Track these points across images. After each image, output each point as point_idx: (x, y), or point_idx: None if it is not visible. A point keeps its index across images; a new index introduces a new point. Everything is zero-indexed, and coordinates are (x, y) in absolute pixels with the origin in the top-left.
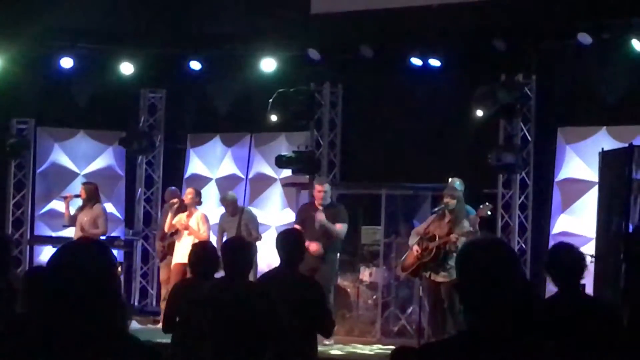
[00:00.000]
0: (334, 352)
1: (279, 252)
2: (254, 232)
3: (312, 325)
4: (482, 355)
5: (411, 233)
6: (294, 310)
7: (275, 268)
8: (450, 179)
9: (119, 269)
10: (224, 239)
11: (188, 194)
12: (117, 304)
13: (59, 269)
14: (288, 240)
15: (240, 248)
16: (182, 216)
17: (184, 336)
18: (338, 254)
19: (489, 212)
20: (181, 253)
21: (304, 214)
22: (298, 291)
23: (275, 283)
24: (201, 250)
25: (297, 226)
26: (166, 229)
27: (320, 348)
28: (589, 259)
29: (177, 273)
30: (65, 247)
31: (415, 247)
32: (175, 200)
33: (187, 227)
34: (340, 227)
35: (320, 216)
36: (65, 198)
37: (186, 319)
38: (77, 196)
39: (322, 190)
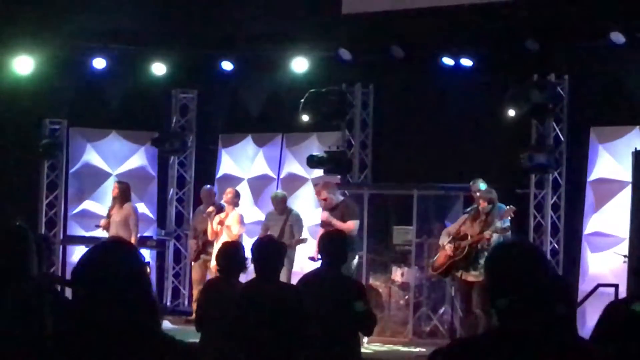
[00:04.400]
0: (366, 351)
1: (321, 253)
2: (297, 235)
3: (353, 323)
4: (512, 354)
5: (442, 233)
6: (335, 309)
7: (317, 268)
8: (472, 182)
9: (148, 269)
10: None
11: (228, 193)
12: (149, 302)
13: (89, 269)
14: (331, 242)
15: (270, 249)
16: (220, 215)
17: (213, 334)
18: (356, 255)
19: (512, 215)
20: None
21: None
22: (340, 291)
23: (318, 283)
24: (229, 249)
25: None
26: (210, 237)
27: None
28: (622, 259)
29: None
30: (95, 247)
31: (449, 246)
32: (211, 208)
33: (222, 223)
34: (349, 225)
35: (323, 216)
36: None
37: (214, 318)
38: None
39: (322, 199)
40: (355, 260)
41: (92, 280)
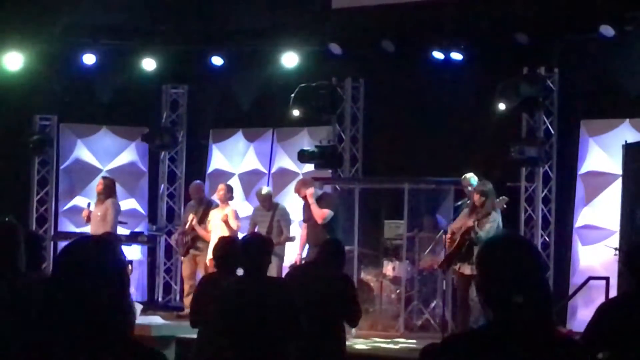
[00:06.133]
0: (357, 346)
1: (319, 252)
2: (285, 230)
3: (340, 314)
4: (506, 348)
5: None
6: (323, 302)
7: (307, 262)
8: (463, 176)
9: (130, 267)
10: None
11: (220, 190)
12: (123, 304)
13: (62, 268)
14: (332, 247)
15: (256, 245)
16: (214, 212)
17: (209, 331)
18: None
19: (505, 206)
20: None
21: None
22: (327, 283)
23: (306, 275)
24: (226, 244)
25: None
26: (207, 240)
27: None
28: (612, 252)
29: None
30: (75, 242)
31: (447, 237)
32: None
33: (226, 219)
34: (324, 211)
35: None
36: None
37: (210, 314)
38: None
39: (303, 197)
40: None
41: (68, 276)
